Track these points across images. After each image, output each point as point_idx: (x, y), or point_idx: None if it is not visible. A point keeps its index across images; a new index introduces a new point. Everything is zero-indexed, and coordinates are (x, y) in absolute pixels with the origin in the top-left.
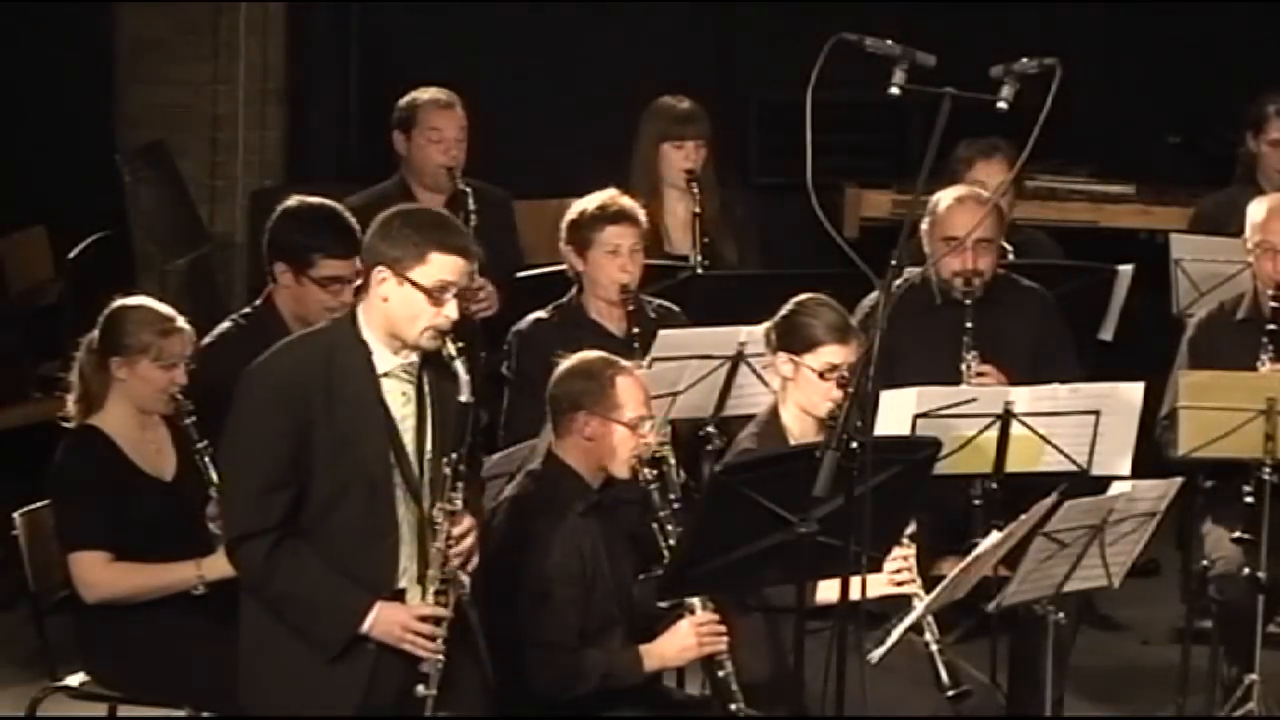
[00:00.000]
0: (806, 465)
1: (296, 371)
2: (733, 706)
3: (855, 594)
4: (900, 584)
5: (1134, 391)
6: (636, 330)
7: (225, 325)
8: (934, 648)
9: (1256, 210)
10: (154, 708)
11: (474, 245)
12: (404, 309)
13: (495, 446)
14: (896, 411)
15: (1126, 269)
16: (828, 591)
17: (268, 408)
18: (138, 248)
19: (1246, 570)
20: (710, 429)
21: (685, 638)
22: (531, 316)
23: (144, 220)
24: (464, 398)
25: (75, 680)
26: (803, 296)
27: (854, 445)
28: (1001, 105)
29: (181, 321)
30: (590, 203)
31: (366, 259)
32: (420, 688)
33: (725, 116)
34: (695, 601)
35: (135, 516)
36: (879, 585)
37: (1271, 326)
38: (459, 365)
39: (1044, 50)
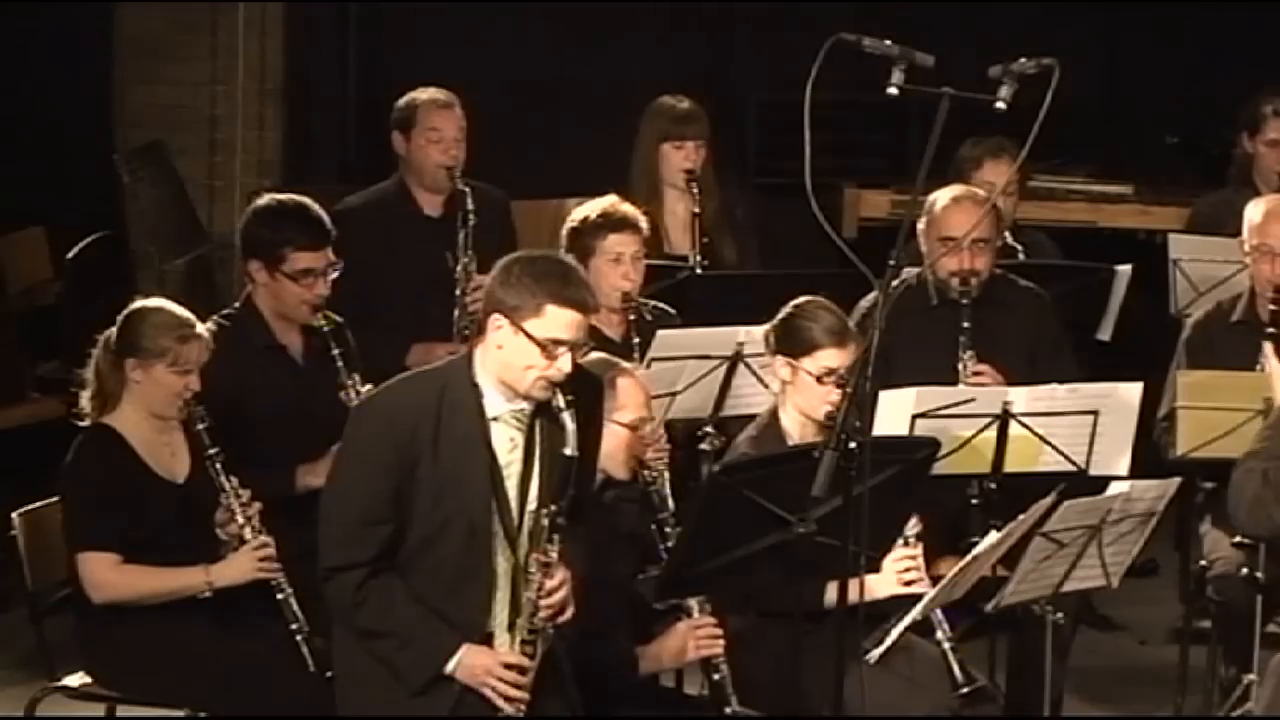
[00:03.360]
0: (805, 465)
1: (406, 409)
2: (728, 710)
3: (857, 596)
4: (909, 584)
5: (1132, 391)
6: (636, 340)
7: (207, 327)
8: (946, 645)
9: (1253, 213)
10: (153, 708)
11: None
12: (517, 359)
13: None
14: (895, 411)
15: (1125, 269)
16: (834, 594)
17: (374, 443)
18: (136, 248)
19: (1245, 570)
20: (708, 429)
21: (681, 641)
22: None
23: (142, 220)
24: (568, 451)
25: (74, 680)
26: (801, 299)
27: (852, 445)
28: (1000, 105)
29: (200, 328)
30: (592, 210)
31: (485, 304)
32: None
33: (725, 116)
34: (693, 604)
35: (146, 518)
36: (889, 585)
37: (1271, 329)
38: (567, 417)
39: (1044, 50)
